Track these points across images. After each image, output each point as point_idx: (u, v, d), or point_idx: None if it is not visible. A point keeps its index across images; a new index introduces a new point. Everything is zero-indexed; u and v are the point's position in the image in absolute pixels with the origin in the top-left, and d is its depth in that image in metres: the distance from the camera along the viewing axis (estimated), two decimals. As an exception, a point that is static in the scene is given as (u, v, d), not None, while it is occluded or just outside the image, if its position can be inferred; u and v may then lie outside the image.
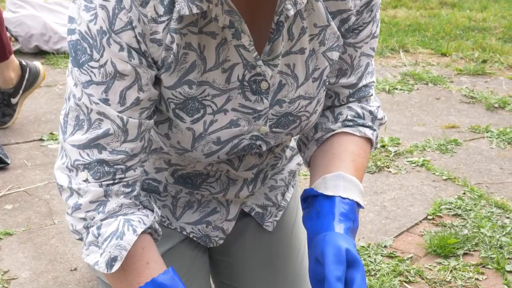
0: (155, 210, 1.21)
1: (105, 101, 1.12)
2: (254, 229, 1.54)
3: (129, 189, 1.17)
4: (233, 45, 1.16)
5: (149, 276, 1.13)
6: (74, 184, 1.14)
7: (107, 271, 1.11)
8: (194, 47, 1.15)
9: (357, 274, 1.11)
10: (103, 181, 1.13)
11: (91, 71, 1.11)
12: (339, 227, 1.17)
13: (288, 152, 1.54)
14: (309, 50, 1.23)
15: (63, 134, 1.15)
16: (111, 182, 1.14)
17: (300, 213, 1.60)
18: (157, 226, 1.20)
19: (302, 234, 1.59)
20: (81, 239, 1.17)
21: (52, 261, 2.22)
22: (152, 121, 1.20)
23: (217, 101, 1.20)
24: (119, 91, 1.12)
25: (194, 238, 1.48)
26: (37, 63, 3.26)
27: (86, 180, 1.13)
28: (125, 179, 1.16)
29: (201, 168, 1.38)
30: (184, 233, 1.47)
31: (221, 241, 1.50)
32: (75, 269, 2.18)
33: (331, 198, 1.21)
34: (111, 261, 1.10)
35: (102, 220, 1.13)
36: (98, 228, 1.13)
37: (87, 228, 1.14)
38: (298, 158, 1.57)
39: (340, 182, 1.22)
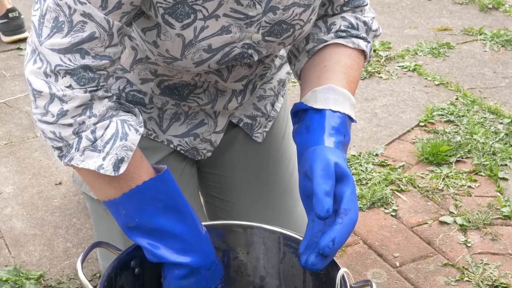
0: (137, 112, 1.18)
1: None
2: (243, 140, 1.52)
3: (110, 94, 1.14)
4: None
5: (151, 171, 1.16)
6: (56, 90, 1.08)
7: (114, 173, 1.10)
8: None
9: (346, 188, 1.09)
10: (87, 87, 1.09)
11: None
12: (329, 141, 1.14)
13: (277, 61, 1.50)
14: None
15: (37, 37, 1.09)
16: (95, 88, 1.10)
17: (290, 124, 1.57)
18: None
19: (292, 146, 1.57)
20: (60, 148, 1.12)
21: (36, 175, 2.20)
22: (129, 28, 1.15)
23: (208, 6, 1.15)
24: None
25: (182, 151, 1.45)
26: None
27: (69, 86, 1.08)
28: (106, 86, 1.12)
29: (188, 79, 1.33)
30: (171, 146, 1.44)
31: (209, 154, 1.47)
32: (60, 183, 2.15)
33: (321, 111, 1.17)
34: (118, 163, 1.10)
35: (95, 123, 1.10)
36: (93, 132, 1.09)
37: (77, 133, 1.09)
38: (288, 67, 1.53)
39: (331, 95, 1.19)
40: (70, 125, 1.09)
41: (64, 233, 1.93)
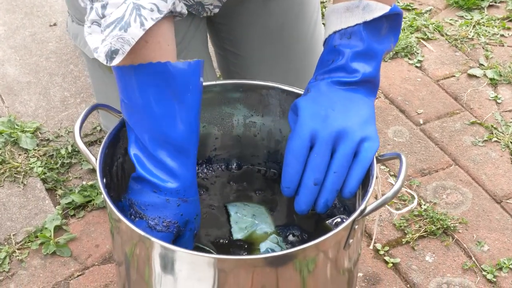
0: None
1: None
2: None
3: None
4: None
5: (166, 57, 0.96)
6: None
7: (107, 62, 0.95)
8: None
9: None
10: None
11: None
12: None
13: None
14: None
15: None
16: None
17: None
18: (179, 7, 0.99)
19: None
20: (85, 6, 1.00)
21: (28, 14, 2.08)
22: None
23: None
24: None
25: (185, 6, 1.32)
26: None
27: None
28: None
29: None
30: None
31: (216, 10, 1.34)
32: (55, 24, 2.04)
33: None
34: (112, 54, 0.94)
35: None
36: (103, 7, 0.95)
37: (92, 1, 0.96)
38: None
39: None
40: None
41: (61, 81, 1.84)
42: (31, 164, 1.58)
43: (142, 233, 0.94)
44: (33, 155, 1.60)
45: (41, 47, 1.95)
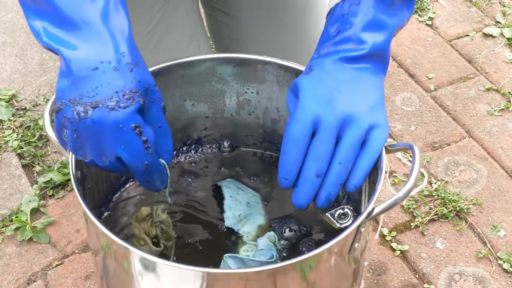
0: None
1: None
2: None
3: None
4: None
5: None
6: None
7: None
8: None
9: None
10: None
11: None
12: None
13: None
14: None
15: None
16: None
17: None
18: None
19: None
20: None
21: (4, -35, 1.96)
22: None
23: None
24: None
25: None
26: None
27: None
28: None
29: None
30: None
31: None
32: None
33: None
34: None
35: None
36: None
37: None
38: None
39: None
40: None
41: (40, 41, 1.73)
42: (5, 137, 1.47)
43: (121, 242, 0.84)
44: (8, 126, 1.50)
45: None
